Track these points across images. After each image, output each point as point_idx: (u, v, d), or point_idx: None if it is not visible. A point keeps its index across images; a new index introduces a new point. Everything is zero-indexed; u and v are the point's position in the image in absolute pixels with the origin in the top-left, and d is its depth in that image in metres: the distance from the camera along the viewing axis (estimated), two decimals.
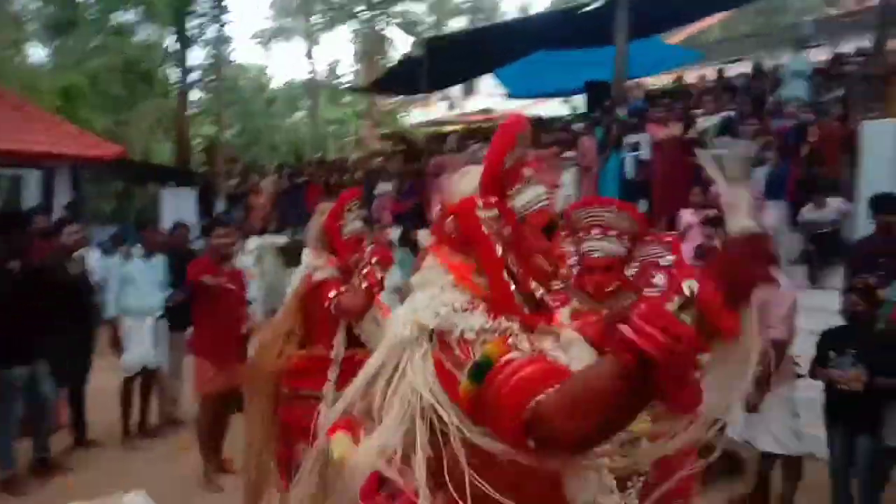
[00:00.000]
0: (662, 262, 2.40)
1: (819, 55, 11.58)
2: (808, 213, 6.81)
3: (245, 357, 4.90)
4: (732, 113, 8.64)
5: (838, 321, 4.33)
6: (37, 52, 26.98)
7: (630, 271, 2.40)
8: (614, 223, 2.35)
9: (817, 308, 5.02)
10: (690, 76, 12.63)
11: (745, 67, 11.96)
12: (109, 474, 4.77)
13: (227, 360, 4.73)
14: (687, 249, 5.57)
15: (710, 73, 12.48)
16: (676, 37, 23.01)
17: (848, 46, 11.62)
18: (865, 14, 12.83)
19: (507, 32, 14.29)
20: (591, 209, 2.41)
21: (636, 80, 15.81)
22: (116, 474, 4.74)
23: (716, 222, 4.93)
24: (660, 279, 2.38)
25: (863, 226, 6.53)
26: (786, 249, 7.01)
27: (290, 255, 11.94)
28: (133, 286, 5.61)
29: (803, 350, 4.22)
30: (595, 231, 2.36)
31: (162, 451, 5.38)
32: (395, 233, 8.39)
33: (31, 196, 11.57)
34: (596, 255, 2.35)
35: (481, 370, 1.19)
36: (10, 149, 10.44)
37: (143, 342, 5.55)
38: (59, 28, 22.34)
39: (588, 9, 11.96)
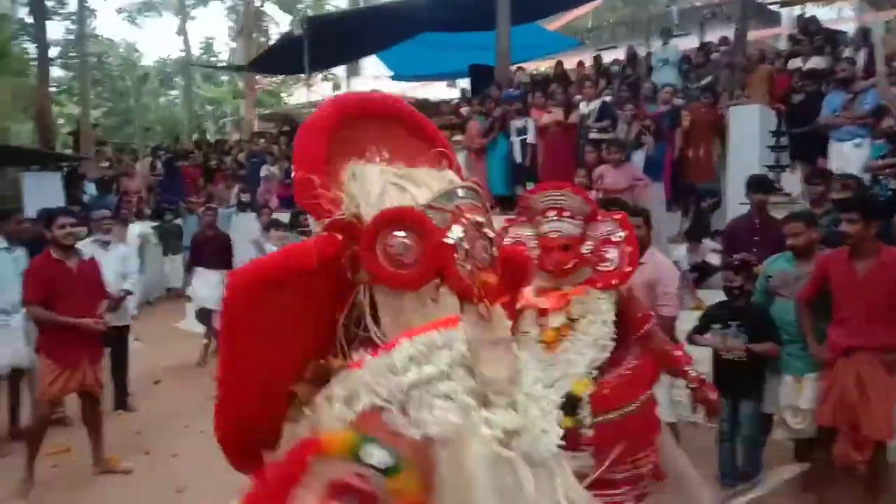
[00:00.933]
0: (614, 238, 2.58)
1: (687, 44, 12.27)
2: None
3: (98, 354, 4.76)
4: (609, 98, 9.00)
5: None
6: None
7: (586, 249, 2.56)
8: (568, 205, 2.52)
9: None
10: (569, 62, 13.03)
11: (619, 54, 12.47)
12: None
13: (73, 359, 4.49)
14: None
15: (587, 59, 12.92)
16: (553, 24, 23.75)
17: (713, 35, 12.36)
18: (728, 6, 13.69)
19: (391, 14, 14.23)
20: (546, 193, 2.57)
21: (518, 64, 16.26)
22: None
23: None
24: (613, 254, 2.57)
25: (732, 205, 7.05)
26: (666, 227, 7.43)
27: (170, 241, 11.44)
28: None
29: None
30: (551, 213, 2.52)
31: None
32: (284, 217, 8.17)
33: None
34: (553, 235, 2.51)
35: None
36: None
37: (10, 341, 5.12)
38: None
39: None
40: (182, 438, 5.24)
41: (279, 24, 26.65)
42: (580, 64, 12.23)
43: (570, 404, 2.43)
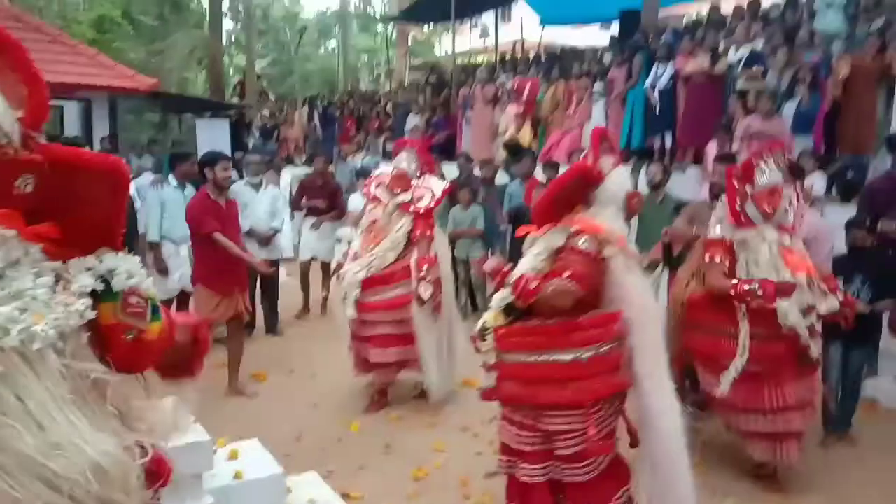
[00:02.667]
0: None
1: None
2: None
3: (246, 284, 5.32)
4: (761, 45, 8.46)
5: None
6: None
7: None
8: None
9: None
10: (728, 5, 12.23)
11: None
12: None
13: (228, 288, 5.06)
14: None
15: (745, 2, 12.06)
16: None
17: None
18: None
19: None
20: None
21: (674, 6, 15.44)
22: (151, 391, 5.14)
23: (728, 159, 4.98)
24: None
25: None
26: (815, 187, 7.00)
27: None
28: (168, 214, 5.93)
29: None
30: None
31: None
32: None
33: (71, 126, 11.96)
34: None
35: None
36: (50, 80, 10.68)
37: (179, 267, 5.90)
38: None
39: None
40: (320, 360, 5.83)
41: None
42: (737, 8, 11.49)
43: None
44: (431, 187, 4.97)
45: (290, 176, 11.25)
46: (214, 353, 5.55)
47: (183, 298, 6.07)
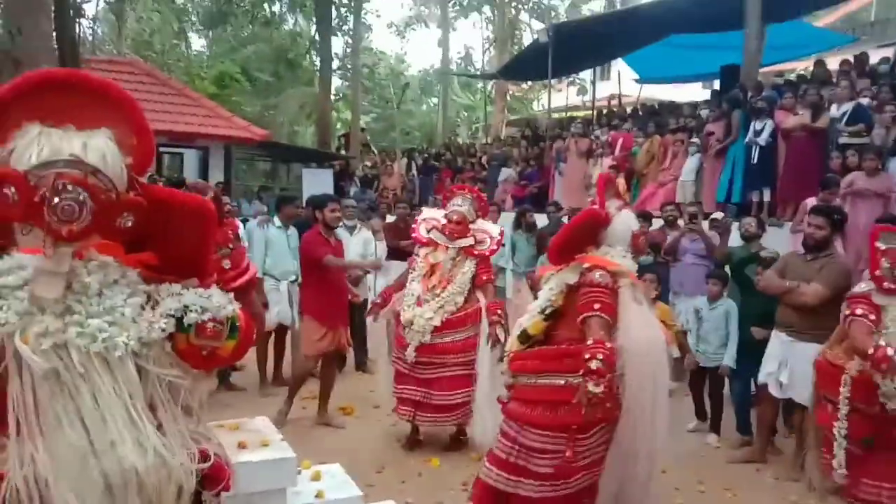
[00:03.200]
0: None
1: None
2: None
3: (347, 319, 5.57)
4: (867, 100, 8.22)
5: None
6: (197, 42, 29.47)
7: None
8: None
9: None
10: (833, 61, 11.93)
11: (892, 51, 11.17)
12: (244, 413, 5.47)
13: (334, 322, 5.33)
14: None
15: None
16: (830, 17, 21.60)
17: None
18: None
19: (636, 18, 14.13)
20: None
21: (777, 64, 15.17)
22: (251, 414, 5.43)
23: (821, 211, 4.88)
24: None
25: None
26: None
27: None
28: (272, 252, 6.34)
29: None
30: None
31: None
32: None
33: (190, 172, 12.96)
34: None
35: None
36: (173, 129, 11.76)
37: (280, 301, 6.27)
38: (215, 20, 24.29)
39: None
40: None
41: (533, 33, 27.63)
42: (843, 62, 11.21)
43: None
44: (489, 231, 5.12)
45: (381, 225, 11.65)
46: (307, 385, 5.90)
47: (280, 331, 6.41)
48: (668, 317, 5.18)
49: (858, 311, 3.62)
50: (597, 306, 3.02)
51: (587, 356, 2.83)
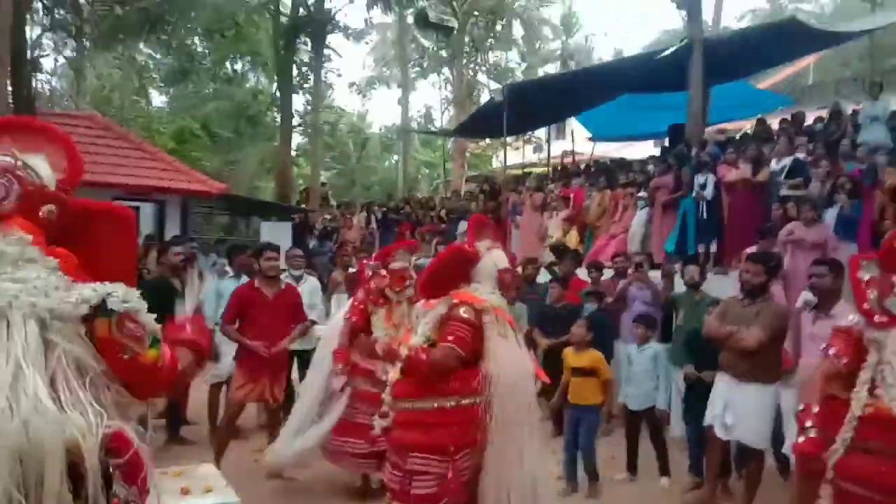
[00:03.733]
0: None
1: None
2: None
3: (280, 373, 5.51)
4: (803, 156, 8.66)
5: None
6: (157, 99, 29.56)
7: None
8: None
9: None
10: (774, 121, 12.58)
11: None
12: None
13: (256, 374, 5.28)
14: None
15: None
16: (771, 79, 22.72)
17: None
18: None
19: (588, 79, 14.68)
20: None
21: (721, 124, 15.86)
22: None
23: (757, 258, 5.09)
24: None
25: None
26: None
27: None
28: (224, 302, 6.28)
29: None
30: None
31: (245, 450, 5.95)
32: None
33: (146, 225, 12.83)
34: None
35: None
36: (129, 183, 11.71)
37: (230, 352, 6.18)
38: (177, 77, 24.48)
39: (666, 53, 12.19)
40: None
41: (490, 93, 28.42)
42: (783, 121, 11.81)
43: None
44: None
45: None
46: (259, 437, 5.82)
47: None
48: (600, 364, 5.24)
49: (831, 351, 3.10)
50: (450, 338, 3.36)
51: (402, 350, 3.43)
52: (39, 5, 16.54)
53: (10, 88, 11.16)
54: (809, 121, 11.41)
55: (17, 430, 1.29)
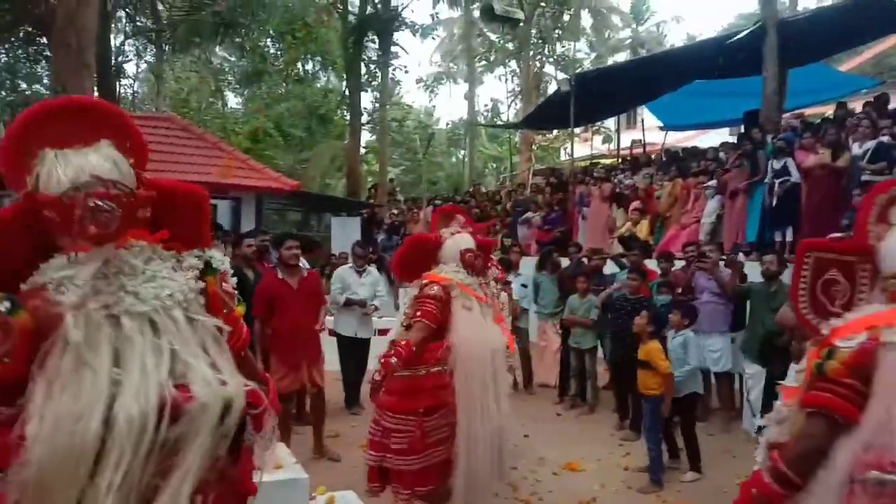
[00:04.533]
0: None
1: None
2: None
3: (316, 357, 5.60)
4: (887, 139, 8.23)
5: None
6: (233, 100, 30.56)
7: None
8: None
9: None
10: (859, 104, 11.97)
11: None
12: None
13: (294, 361, 5.35)
14: None
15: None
16: (857, 60, 21.61)
17: None
18: None
19: (657, 66, 14.34)
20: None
21: (798, 109, 15.21)
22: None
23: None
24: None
25: None
26: None
27: None
28: None
29: None
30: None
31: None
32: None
33: (223, 221, 13.32)
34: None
35: None
36: (206, 181, 12.17)
37: None
38: (250, 79, 25.22)
39: (740, 36, 11.80)
40: None
41: (558, 84, 28.09)
42: (865, 104, 11.25)
43: None
44: None
45: None
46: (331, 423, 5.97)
47: None
48: (657, 357, 5.13)
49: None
50: (419, 313, 3.88)
51: (392, 352, 3.81)
52: (123, 14, 17.36)
53: (96, 93, 11.77)
54: (895, 103, 10.84)
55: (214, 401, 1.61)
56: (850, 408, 1.81)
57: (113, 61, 14.18)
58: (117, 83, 15.15)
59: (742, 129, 14.38)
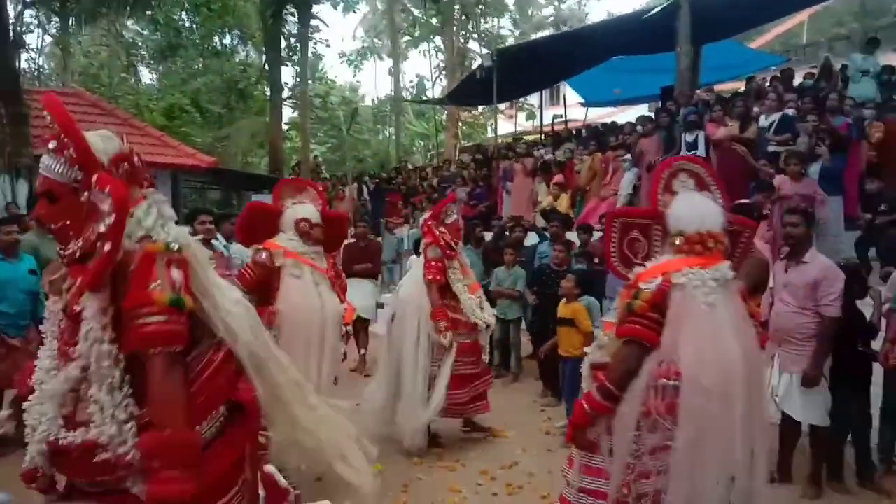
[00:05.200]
0: None
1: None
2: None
3: None
4: (791, 111, 8.62)
5: None
6: (147, 76, 29.30)
7: None
8: None
9: None
10: (768, 80, 12.50)
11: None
12: None
13: None
14: None
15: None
16: (764, 38, 22.52)
17: None
18: None
19: (577, 42, 14.51)
20: None
21: (712, 84, 15.73)
22: None
23: (741, 209, 5.08)
24: None
25: None
26: (845, 245, 6.99)
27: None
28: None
29: None
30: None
31: None
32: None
33: None
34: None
35: None
36: None
37: None
38: (165, 53, 24.21)
39: (654, 12, 12.06)
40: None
41: (481, 59, 28.15)
42: (773, 78, 11.73)
43: None
44: None
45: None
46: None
47: None
48: (582, 316, 5.45)
49: None
50: (237, 279, 4.20)
51: None
52: None
53: None
54: (800, 78, 11.35)
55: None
56: (653, 335, 2.48)
57: (12, 32, 13.30)
58: (18, 56, 14.25)
59: (660, 105, 14.81)
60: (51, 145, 1.91)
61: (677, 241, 2.62)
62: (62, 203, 1.90)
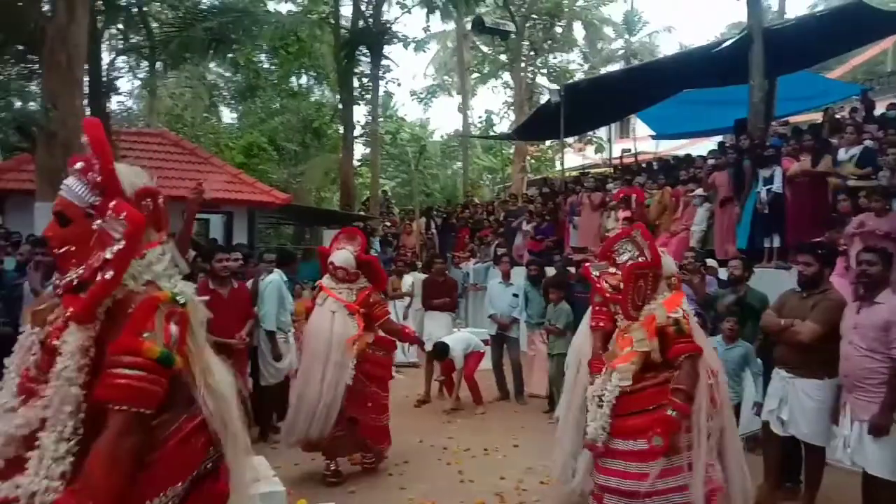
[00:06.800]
0: None
1: None
2: None
3: (243, 368, 5.86)
4: (870, 143, 8.28)
5: None
6: (227, 115, 30.64)
7: None
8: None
9: None
10: (845, 111, 12.07)
11: None
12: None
13: None
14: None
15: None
16: (845, 68, 21.75)
17: None
18: None
19: (646, 76, 14.38)
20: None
21: (788, 117, 15.29)
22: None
23: (805, 248, 4.94)
24: None
25: None
26: None
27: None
28: (283, 306, 6.49)
29: None
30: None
31: None
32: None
33: (216, 235, 13.36)
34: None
35: None
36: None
37: (290, 351, 6.42)
38: (245, 94, 25.28)
39: (727, 44, 11.88)
40: (407, 449, 6.04)
41: (549, 94, 28.16)
42: (851, 110, 11.33)
43: None
44: None
45: (412, 279, 11.67)
46: None
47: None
48: None
49: None
50: None
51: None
52: (115, 30, 17.45)
53: (88, 111, 11.81)
54: (882, 108, 10.91)
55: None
56: (702, 349, 3.53)
57: (105, 78, 14.22)
58: (109, 99, 15.21)
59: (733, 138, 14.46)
60: (77, 165, 1.84)
61: (673, 281, 3.73)
62: (73, 227, 1.81)
